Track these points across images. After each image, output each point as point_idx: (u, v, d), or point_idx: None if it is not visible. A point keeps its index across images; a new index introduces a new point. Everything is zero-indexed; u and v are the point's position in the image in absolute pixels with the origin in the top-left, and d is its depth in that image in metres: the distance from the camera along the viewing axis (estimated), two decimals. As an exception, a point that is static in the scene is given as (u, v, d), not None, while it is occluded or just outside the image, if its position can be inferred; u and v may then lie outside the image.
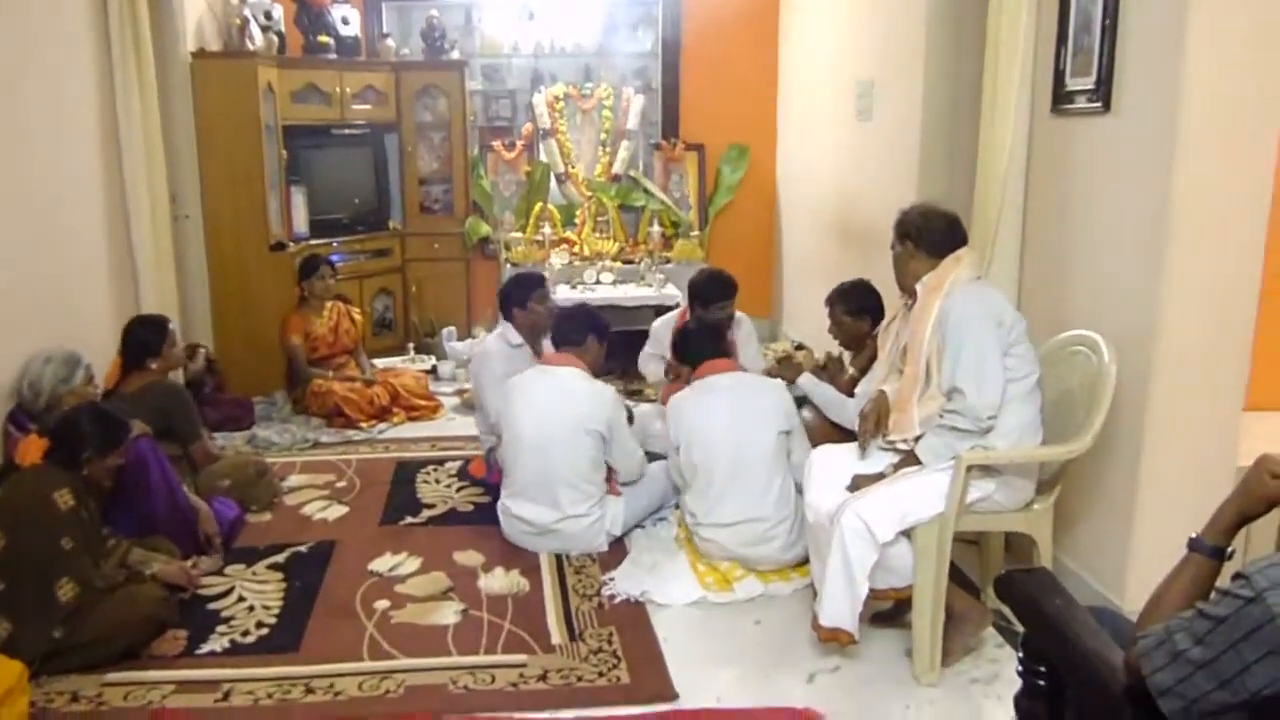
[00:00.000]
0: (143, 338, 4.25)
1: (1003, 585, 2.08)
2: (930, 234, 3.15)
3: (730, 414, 3.67)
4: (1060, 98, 3.50)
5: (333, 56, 6.59)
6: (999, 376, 2.96)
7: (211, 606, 3.48)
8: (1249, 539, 1.85)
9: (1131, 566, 3.18)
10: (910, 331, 3.16)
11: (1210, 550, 1.74)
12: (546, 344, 4.65)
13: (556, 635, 3.29)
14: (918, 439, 3.06)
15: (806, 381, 3.91)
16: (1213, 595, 1.59)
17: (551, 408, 3.86)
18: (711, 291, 4.50)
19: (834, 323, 4.05)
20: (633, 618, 3.40)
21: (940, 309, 3.04)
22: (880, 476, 3.08)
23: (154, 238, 5.12)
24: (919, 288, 3.15)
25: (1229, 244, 3.00)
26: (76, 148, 4.65)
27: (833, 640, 3.02)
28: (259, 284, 5.88)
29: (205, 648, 3.21)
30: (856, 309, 3.99)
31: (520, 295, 4.56)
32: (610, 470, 3.97)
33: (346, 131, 6.76)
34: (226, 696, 2.94)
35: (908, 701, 2.93)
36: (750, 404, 3.69)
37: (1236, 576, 1.51)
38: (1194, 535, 1.77)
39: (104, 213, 4.84)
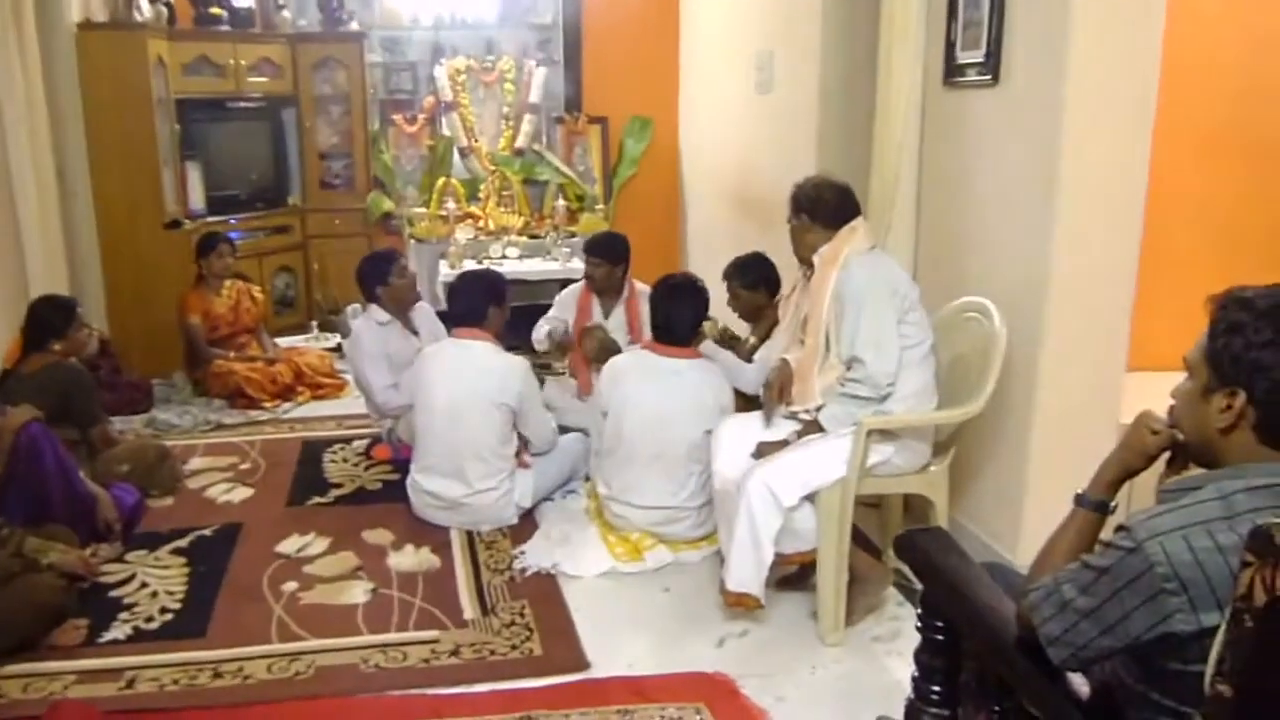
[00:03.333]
0: (47, 318, 4.11)
1: (902, 545, 2.13)
2: (824, 206, 3.21)
3: (664, 402, 3.65)
4: (952, 70, 3.59)
5: (226, 28, 6.40)
6: (896, 344, 3.04)
7: (113, 594, 3.39)
8: (1131, 493, 1.93)
9: (1024, 523, 3.29)
10: (809, 303, 3.22)
11: (1094, 505, 1.82)
12: (425, 315, 4.67)
13: (469, 610, 3.29)
14: (819, 408, 3.13)
15: (708, 349, 3.94)
16: (1097, 547, 1.66)
17: (463, 381, 3.84)
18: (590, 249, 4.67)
19: (731, 296, 4.11)
20: (544, 590, 3.42)
21: (837, 279, 3.10)
22: (784, 444, 3.14)
23: (41, 216, 4.95)
24: (816, 259, 3.20)
25: (1111, 211, 3.11)
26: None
27: (740, 605, 3.09)
28: (154, 263, 5.72)
29: (107, 636, 3.14)
30: (752, 282, 4.05)
31: (380, 273, 4.56)
32: (520, 444, 3.98)
33: (242, 105, 6.58)
34: (131, 684, 2.89)
35: (814, 662, 3.01)
36: (686, 396, 3.65)
37: (1119, 529, 1.57)
38: (1079, 491, 1.84)
39: (-14, 191, 4.67)
